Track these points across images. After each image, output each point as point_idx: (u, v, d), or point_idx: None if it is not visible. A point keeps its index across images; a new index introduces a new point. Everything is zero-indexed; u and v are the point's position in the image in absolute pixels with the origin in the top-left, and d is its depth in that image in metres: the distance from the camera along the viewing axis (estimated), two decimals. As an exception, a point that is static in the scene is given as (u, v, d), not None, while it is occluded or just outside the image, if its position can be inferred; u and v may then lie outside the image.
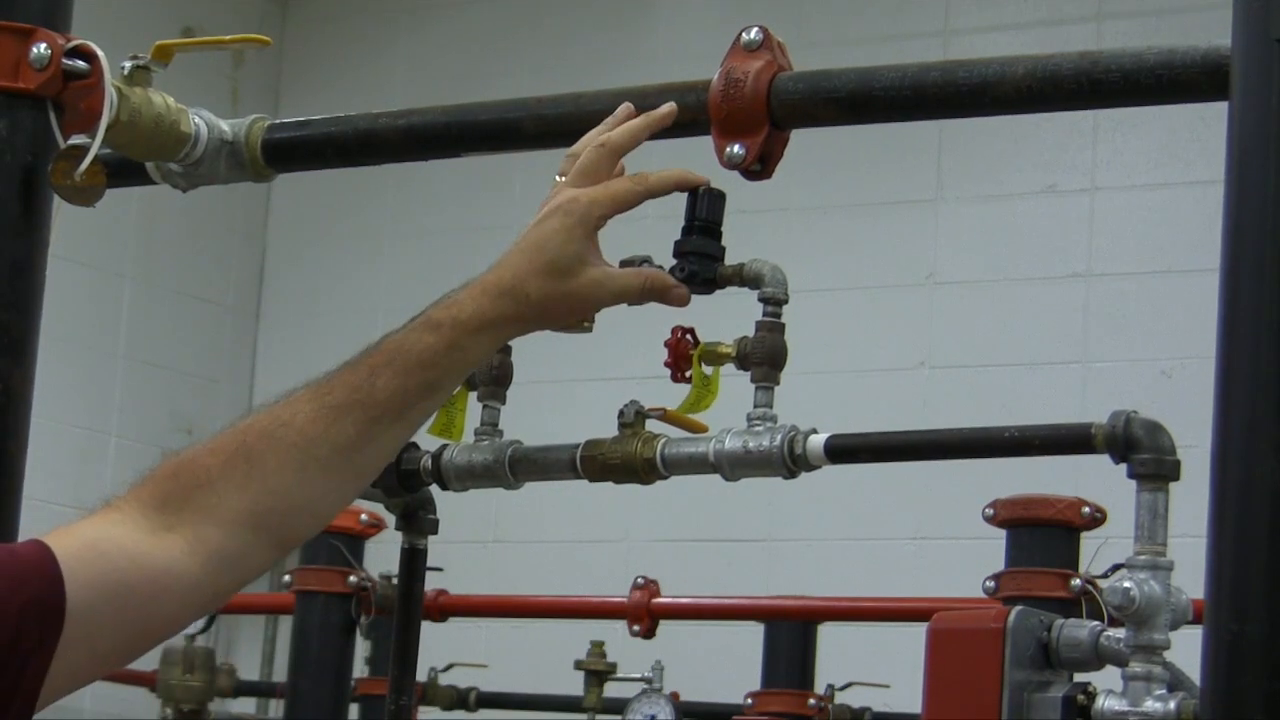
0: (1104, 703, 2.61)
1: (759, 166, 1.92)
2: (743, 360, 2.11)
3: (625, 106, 1.85)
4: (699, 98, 1.94)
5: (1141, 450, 2.60)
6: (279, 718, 4.17)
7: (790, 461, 2.13)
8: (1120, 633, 2.64)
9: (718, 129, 1.92)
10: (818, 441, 2.14)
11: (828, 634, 4.73)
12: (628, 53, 7.60)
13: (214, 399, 8.18)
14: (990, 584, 3.38)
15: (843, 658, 5.09)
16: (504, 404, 2.48)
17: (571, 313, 1.75)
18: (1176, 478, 2.62)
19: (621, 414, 2.34)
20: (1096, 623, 2.70)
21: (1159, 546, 2.62)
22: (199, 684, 5.31)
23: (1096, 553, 3.00)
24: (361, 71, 8.22)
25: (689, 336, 2.25)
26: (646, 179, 1.81)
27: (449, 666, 5.60)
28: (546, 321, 1.75)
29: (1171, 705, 2.57)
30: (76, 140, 1.96)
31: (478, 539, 7.24)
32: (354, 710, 4.80)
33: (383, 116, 2.15)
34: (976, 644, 2.63)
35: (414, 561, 2.76)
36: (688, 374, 2.24)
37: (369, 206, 8.11)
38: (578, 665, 5.30)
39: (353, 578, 4.00)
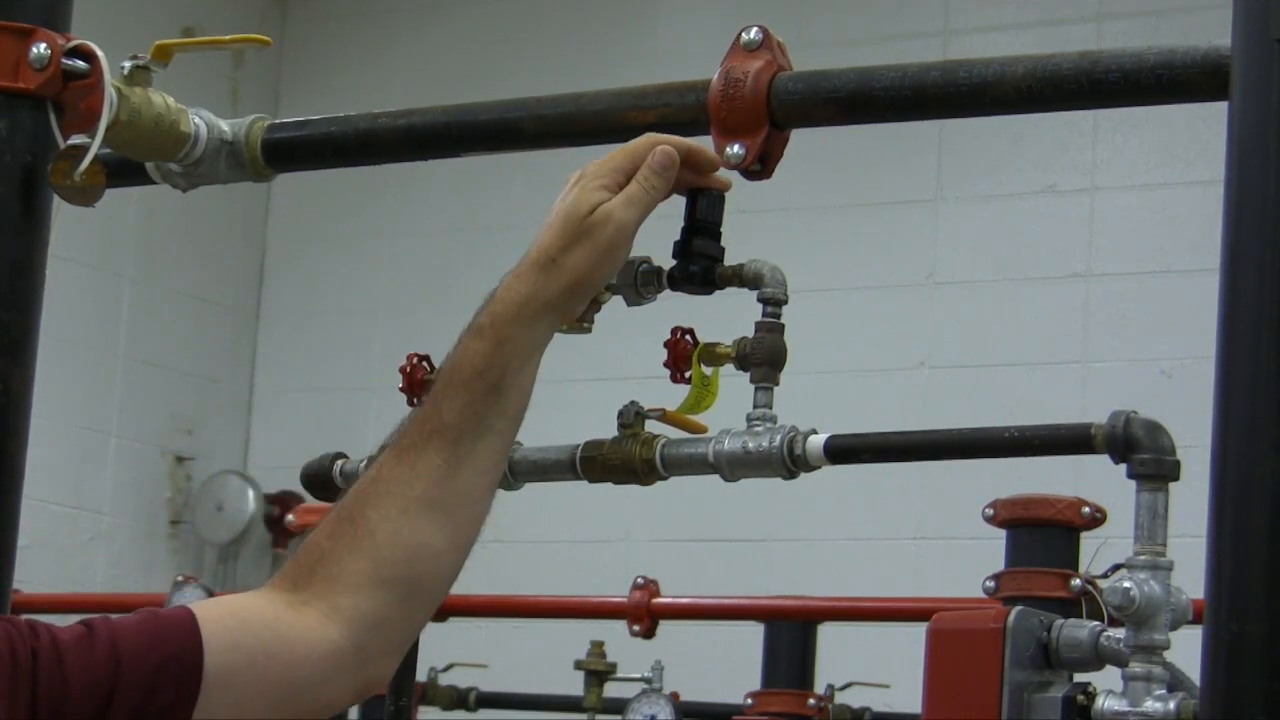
0: (1104, 703, 2.61)
1: (759, 166, 1.92)
2: (742, 360, 2.11)
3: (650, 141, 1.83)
4: (699, 98, 1.94)
5: (1141, 450, 2.59)
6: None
7: (790, 462, 2.13)
8: (1120, 633, 2.64)
9: (717, 129, 1.92)
10: (818, 442, 2.13)
11: (828, 634, 4.72)
12: (628, 53, 7.60)
13: (214, 399, 8.18)
14: (990, 584, 3.38)
15: (843, 658, 5.09)
16: (504, 404, 2.48)
17: (600, 258, 1.74)
18: (1176, 478, 2.61)
19: (621, 414, 2.33)
20: (1096, 623, 2.70)
21: (1159, 546, 2.62)
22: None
23: (1096, 553, 3.00)
24: (361, 71, 8.22)
25: (688, 337, 2.25)
26: (661, 137, 1.82)
27: (449, 666, 5.60)
28: (585, 280, 1.74)
29: (1171, 705, 2.57)
30: (76, 140, 1.96)
31: (478, 539, 7.24)
32: (353, 710, 4.80)
33: (383, 116, 2.15)
34: (976, 644, 2.63)
35: (414, 561, 2.75)
36: (687, 374, 2.24)
37: (369, 206, 8.11)
38: (578, 665, 5.30)
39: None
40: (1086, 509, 3.37)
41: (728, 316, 2.42)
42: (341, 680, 1.66)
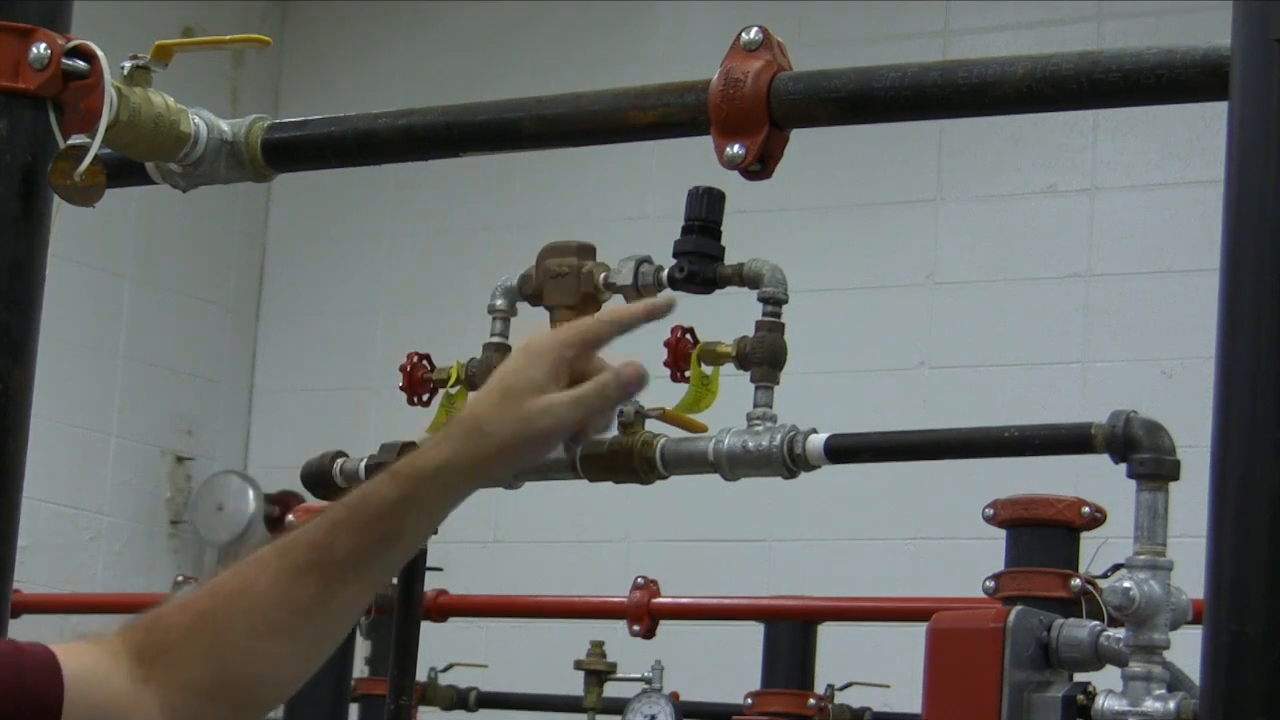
0: (1104, 703, 2.61)
1: (759, 166, 1.92)
2: (742, 360, 2.11)
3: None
4: (699, 98, 1.94)
5: (1141, 450, 2.60)
6: (278, 717, 4.17)
7: (790, 461, 2.13)
8: (1120, 633, 2.64)
9: (717, 129, 1.92)
10: (818, 441, 2.13)
11: (828, 634, 4.72)
12: (628, 53, 7.60)
13: (214, 399, 8.18)
14: (990, 584, 3.38)
15: (843, 658, 5.08)
16: (504, 404, 2.48)
17: (525, 442, 1.68)
18: (1176, 478, 2.62)
19: (621, 413, 2.34)
20: (1096, 623, 2.70)
21: (1159, 546, 2.62)
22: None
23: (1096, 553, 3.00)
24: (361, 71, 8.22)
25: (688, 336, 2.25)
26: (616, 312, 1.75)
27: (449, 666, 5.60)
28: (507, 456, 1.69)
29: (1171, 705, 2.57)
30: (76, 140, 1.96)
31: (477, 539, 7.24)
32: (354, 710, 4.80)
33: (382, 117, 2.15)
34: (976, 644, 2.63)
35: (413, 561, 2.75)
36: (687, 373, 2.24)
37: (369, 206, 8.10)
38: (578, 665, 5.29)
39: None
40: (1086, 509, 3.37)
41: (728, 316, 2.42)
42: None
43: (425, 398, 2.42)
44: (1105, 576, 2.74)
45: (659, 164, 7.02)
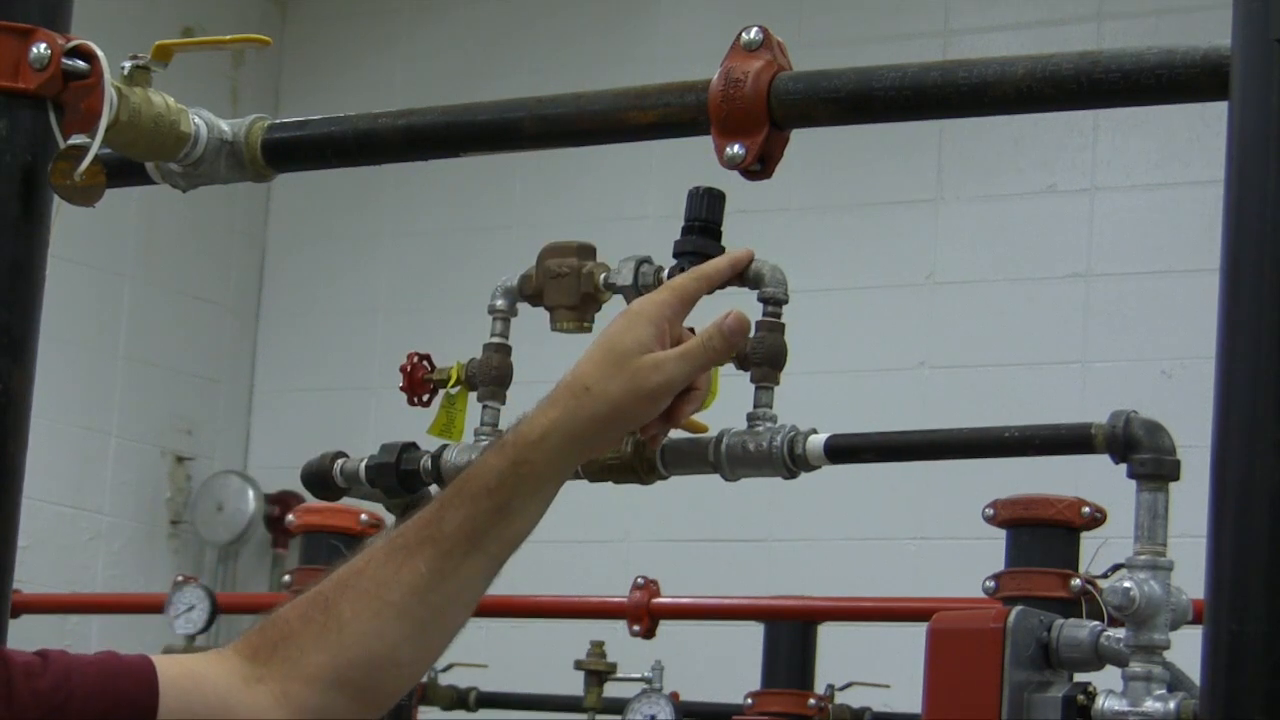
0: (1104, 703, 2.61)
1: (759, 166, 1.92)
2: (743, 360, 2.10)
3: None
4: (699, 98, 1.94)
5: (1141, 450, 2.60)
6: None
7: (790, 461, 2.13)
8: (1120, 633, 2.64)
9: (717, 129, 1.92)
10: (818, 441, 2.13)
11: (828, 634, 4.72)
12: (628, 53, 7.60)
13: (214, 399, 8.18)
14: (990, 584, 3.38)
15: (843, 658, 5.08)
16: (504, 404, 2.48)
17: (637, 399, 1.69)
18: (1176, 478, 2.62)
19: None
20: (1096, 623, 2.70)
21: (1159, 546, 2.62)
22: (199, 684, 5.30)
23: (1096, 553, 3.00)
24: (361, 71, 8.22)
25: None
26: (704, 269, 1.80)
27: (449, 666, 5.60)
28: (618, 416, 1.70)
29: (1171, 705, 2.57)
30: (76, 140, 1.96)
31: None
32: (354, 710, 4.79)
33: (382, 116, 2.15)
34: (976, 644, 2.63)
35: (414, 561, 2.75)
36: (688, 374, 2.24)
37: (369, 206, 8.11)
38: (578, 665, 5.30)
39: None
40: (1086, 509, 3.37)
41: (728, 316, 2.42)
42: None
43: (425, 398, 2.42)
44: (1105, 576, 2.74)
45: (659, 164, 7.02)
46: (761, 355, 2.07)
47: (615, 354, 1.70)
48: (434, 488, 2.65)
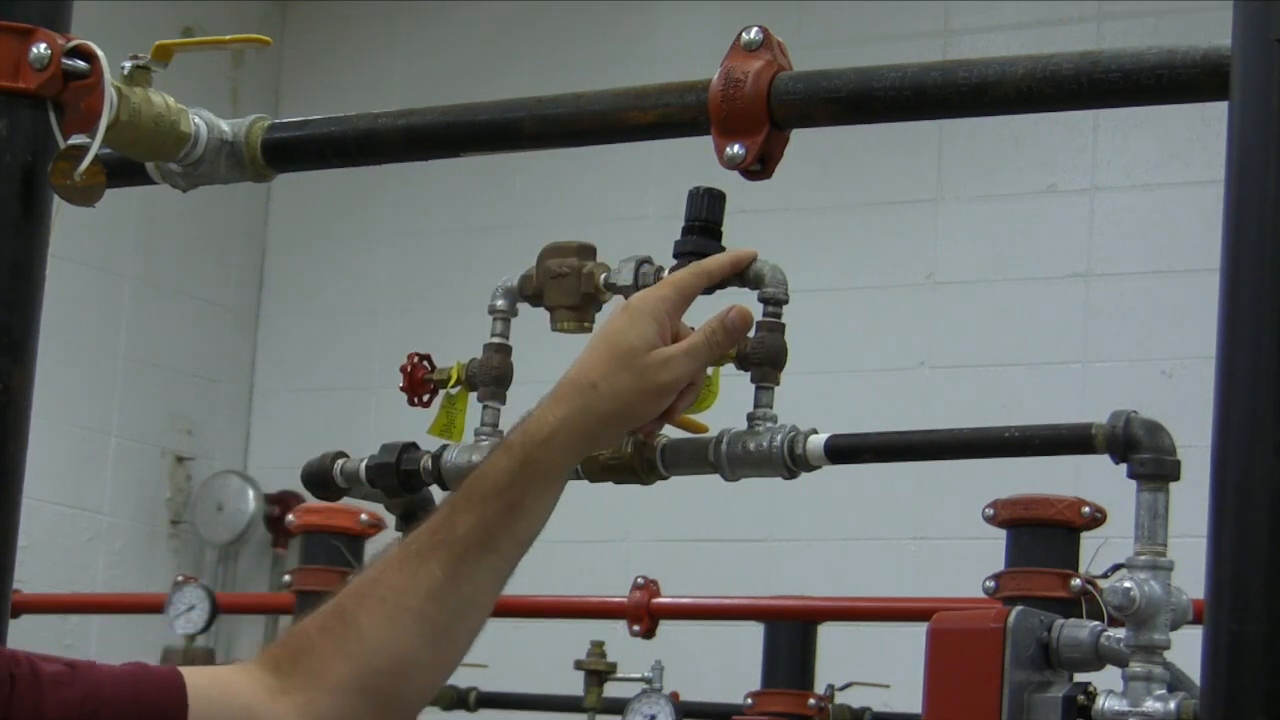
0: (1104, 703, 2.61)
1: (759, 166, 1.92)
2: (743, 360, 2.10)
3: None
4: (699, 98, 1.94)
5: (1141, 450, 2.59)
6: None
7: (790, 461, 2.12)
8: (1120, 633, 2.64)
9: (717, 129, 1.92)
10: (818, 441, 2.13)
11: (828, 634, 4.72)
12: (628, 53, 7.60)
13: (214, 399, 8.18)
14: (990, 584, 3.38)
15: (843, 658, 5.08)
16: (504, 404, 2.48)
17: (645, 396, 1.70)
18: (1176, 478, 2.61)
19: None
20: (1096, 623, 2.69)
21: (1159, 546, 2.62)
22: (199, 684, 5.29)
23: (1096, 553, 3.00)
24: (361, 71, 8.22)
25: (689, 336, 2.25)
26: (705, 264, 1.81)
27: (449, 667, 5.59)
28: (626, 413, 1.70)
29: (1171, 705, 2.57)
30: (76, 140, 1.96)
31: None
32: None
33: (383, 116, 2.15)
34: (976, 644, 2.62)
35: (414, 561, 2.75)
36: (688, 374, 2.24)
37: (369, 206, 8.11)
38: (578, 665, 5.29)
39: (352, 578, 3.99)
40: (1086, 509, 3.37)
41: (728, 316, 2.42)
42: None
43: (425, 398, 2.41)
44: (1105, 576, 2.74)
45: (659, 164, 7.02)
46: (762, 355, 2.07)
47: (621, 351, 1.70)
48: (434, 488, 2.65)
